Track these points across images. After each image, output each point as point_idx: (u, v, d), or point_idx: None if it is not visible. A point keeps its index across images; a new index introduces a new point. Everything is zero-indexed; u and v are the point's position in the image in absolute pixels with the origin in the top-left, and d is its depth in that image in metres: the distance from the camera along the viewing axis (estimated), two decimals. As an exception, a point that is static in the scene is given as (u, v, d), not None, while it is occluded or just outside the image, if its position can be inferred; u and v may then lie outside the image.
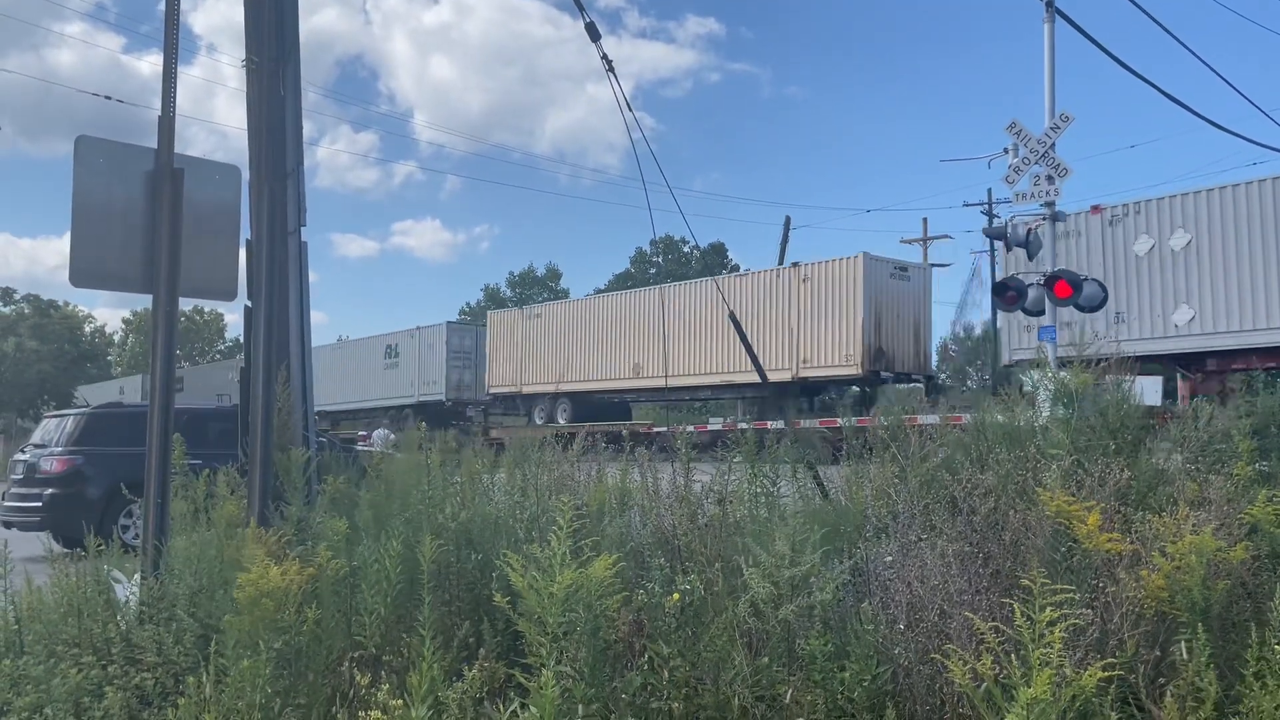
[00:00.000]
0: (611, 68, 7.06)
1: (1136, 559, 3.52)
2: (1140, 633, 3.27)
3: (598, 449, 6.58)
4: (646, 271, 68.17)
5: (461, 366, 38.34)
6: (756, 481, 5.15)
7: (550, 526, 4.62)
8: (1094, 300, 13.30)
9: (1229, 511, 3.86)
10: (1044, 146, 13.40)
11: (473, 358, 38.30)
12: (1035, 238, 13.92)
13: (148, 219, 5.37)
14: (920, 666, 3.42)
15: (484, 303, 71.41)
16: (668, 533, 4.72)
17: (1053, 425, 5.10)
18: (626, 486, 5.29)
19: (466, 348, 38.64)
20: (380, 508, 5.26)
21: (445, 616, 4.41)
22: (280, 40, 6.49)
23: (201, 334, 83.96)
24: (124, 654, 4.38)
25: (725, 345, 27.23)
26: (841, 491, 5.18)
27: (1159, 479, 4.72)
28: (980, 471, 4.58)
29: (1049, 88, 14.00)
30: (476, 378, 37.86)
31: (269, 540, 4.60)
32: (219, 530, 5.44)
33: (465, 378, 38.19)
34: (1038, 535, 3.79)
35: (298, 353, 6.95)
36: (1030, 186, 13.65)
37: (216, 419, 12.90)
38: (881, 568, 3.97)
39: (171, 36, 5.22)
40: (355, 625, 4.41)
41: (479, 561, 4.65)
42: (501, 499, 5.51)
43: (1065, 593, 2.62)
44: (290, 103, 6.71)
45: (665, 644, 3.48)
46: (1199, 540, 3.33)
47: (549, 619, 3.24)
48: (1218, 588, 3.28)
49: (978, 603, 3.48)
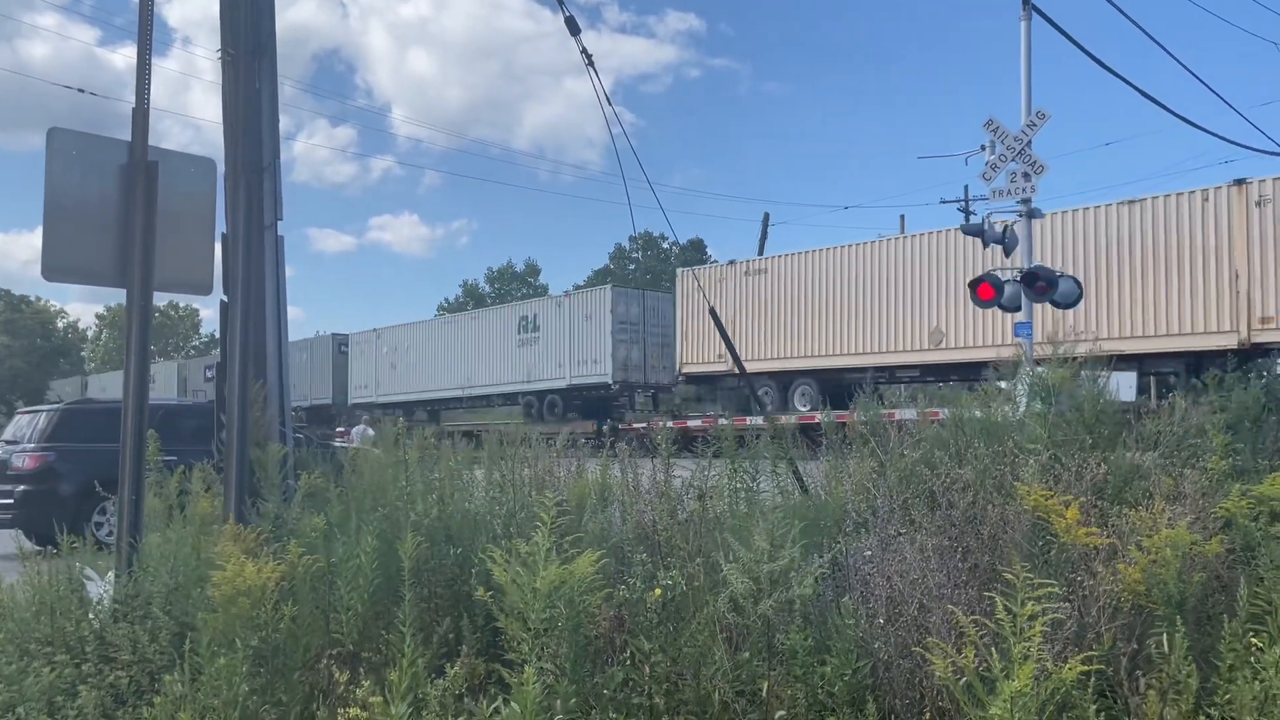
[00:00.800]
0: (591, 63, 7.04)
1: (1113, 553, 3.55)
2: (1117, 626, 3.29)
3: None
4: (625, 268, 68.14)
5: (629, 341, 30.34)
6: (736, 477, 5.16)
7: (530, 522, 4.62)
8: (1070, 297, 13.41)
9: (1204, 505, 3.90)
10: (1020, 144, 13.48)
11: (639, 330, 30.51)
12: (1012, 234, 14.02)
13: (121, 212, 5.30)
14: (900, 660, 3.43)
15: (462, 299, 71.16)
16: (648, 528, 4.72)
17: (1030, 420, 5.13)
18: (607, 482, 5.28)
19: (633, 317, 30.53)
20: (358, 503, 5.23)
21: (425, 613, 4.39)
22: (256, 33, 6.43)
23: (176, 329, 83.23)
24: (98, 652, 4.32)
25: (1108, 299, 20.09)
26: (821, 486, 5.19)
27: (1134, 473, 4.75)
28: (959, 466, 4.60)
29: (1025, 85, 14.08)
30: (645, 356, 30.24)
31: (246, 537, 4.55)
32: (194, 527, 5.39)
33: (633, 355, 30.20)
34: (1016, 529, 3.81)
35: (274, 348, 6.88)
36: (1007, 183, 13.73)
37: (191, 415, 12.80)
38: (861, 562, 3.98)
39: (145, 29, 5.15)
40: (333, 622, 4.39)
41: (458, 557, 4.62)
42: (481, 495, 5.49)
43: (1046, 586, 2.63)
44: (266, 96, 6.64)
45: (646, 639, 3.48)
46: (1174, 534, 3.36)
47: (531, 615, 3.23)
48: (1193, 581, 3.31)
49: (956, 596, 3.50)
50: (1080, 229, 21.11)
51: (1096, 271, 20.49)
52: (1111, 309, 20.56)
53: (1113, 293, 20.60)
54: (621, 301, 30.34)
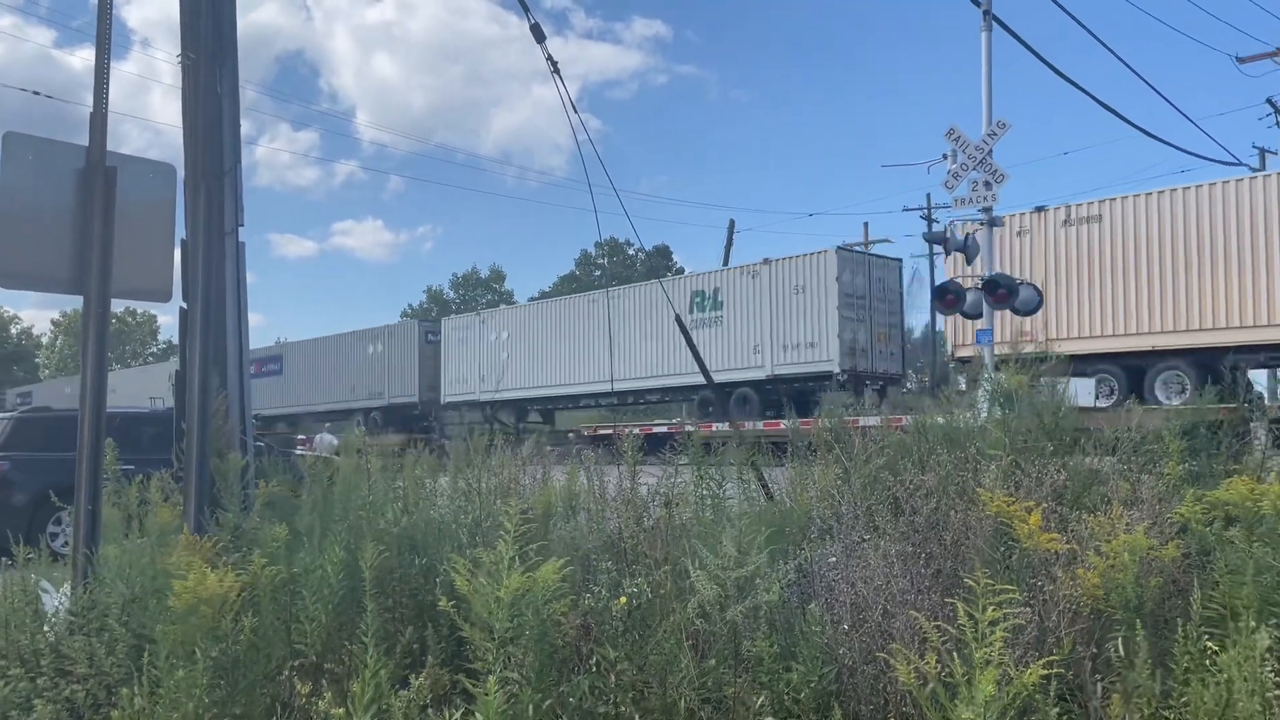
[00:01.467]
0: (557, 69, 7.04)
1: (1073, 557, 3.60)
2: (1077, 630, 3.34)
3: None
4: (591, 274, 68.13)
5: (855, 321, 23.89)
6: (702, 484, 5.17)
7: (495, 531, 4.60)
8: (1030, 304, 13.60)
9: (1160, 510, 3.96)
10: (981, 153, 13.66)
11: (865, 306, 24.01)
12: (974, 242, 14.19)
13: (79, 218, 5.21)
14: (864, 666, 3.45)
15: (426, 304, 70.77)
16: (614, 536, 4.71)
17: (991, 426, 5.19)
18: (573, 490, 5.27)
19: (858, 290, 23.95)
20: (320, 512, 5.17)
21: (388, 623, 4.36)
22: (217, 36, 6.36)
23: (134, 335, 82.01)
24: (53, 665, 4.24)
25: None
26: (786, 493, 5.21)
27: (1093, 479, 4.82)
28: (922, 472, 4.64)
29: (986, 95, 14.28)
30: (870, 338, 24.07)
31: (205, 547, 4.49)
32: (152, 538, 5.31)
33: (859, 337, 23.83)
34: (978, 535, 3.85)
35: (235, 355, 6.81)
36: (969, 192, 13.92)
37: (150, 423, 12.62)
38: (825, 568, 4.01)
39: (104, 32, 5.08)
40: (295, 633, 4.34)
41: (423, 567, 4.59)
42: (445, 504, 5.46)
43: (1007, 592, 2.66)
44: (227, 100, 6.58)
45: (612, 648, 3.47)
46: (1132, 539, 3.41)
47: (496, 624, 3.21)
48: (1150, 585, 3.36)
49: (920, 602, 3.53)
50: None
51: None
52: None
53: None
54: (848, 269, 23.46)
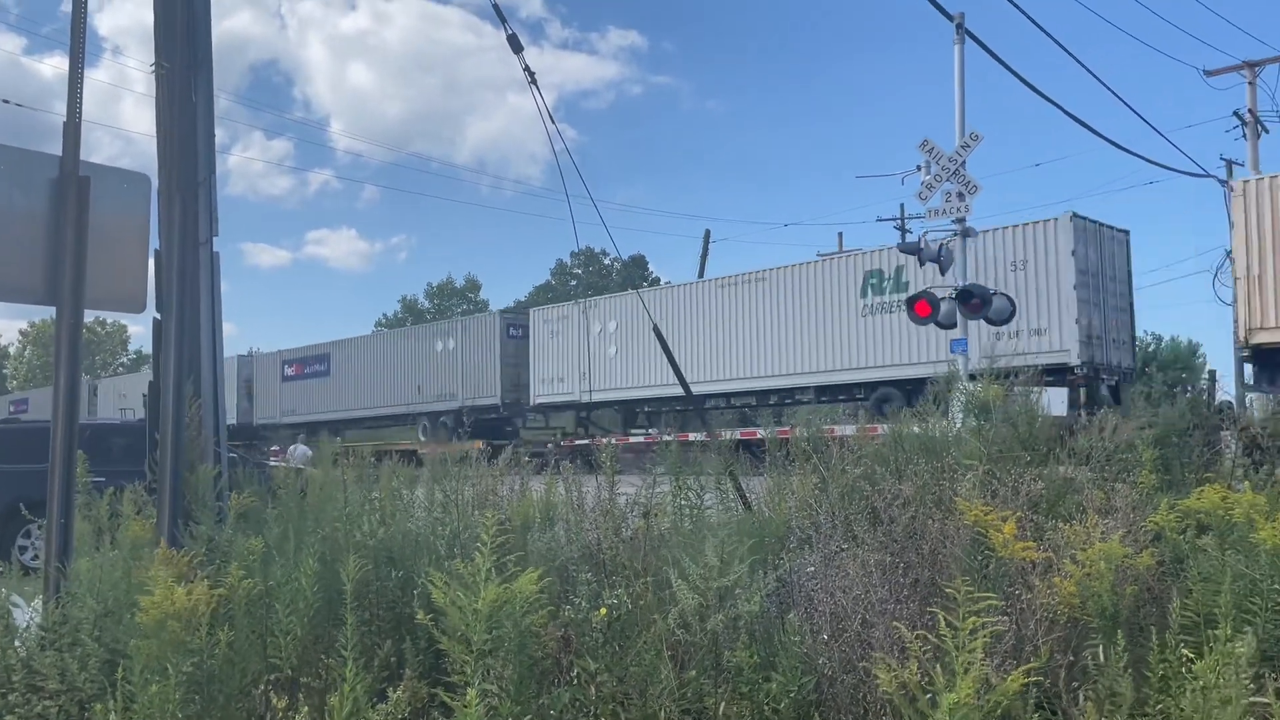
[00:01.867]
0: (534, 80, 7.04)
1: (1049, 566, 3.62)
2: (1054, 638, 3.36)
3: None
4: (567, 284, 68.09)
5: (1089, 302, 19.87)
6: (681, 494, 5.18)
7: (473, 543, 4.57)
8: (1002, 314, 13.74)
9: (1134, 519, 4.00)
10: (955, 164, 13.80)
11: (1099, 286, 19.98)
12: (947, 253, 14.31)
13: (52, 229, 5.16)
14: (844, 676, 3.46)
15: (400, 314, 70.44)
16: (593, 547, 4.71)
17: (967, 435, 5.23)
18: (552, 500, 5.26)
19: (1092, 266, 19.93)
20: (295, 524, 5.13)
21: (366, 636, 4.32)
22: (192, 46, 6.32)
23: (104, 345, 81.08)
24: (25, 681, 4.18)
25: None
26: (765, 503, 5.22)
27: (1068, 488, 4.87)
28: (899, 482, 4.67)
29: (959, 107, 14.43)
30: (1104, 324, 19.94)
31: (179, 561, 4.44)
32: (124, 551, 5.25)
33: (1094, 323, 19.79)
34: (956, 544, 3.87)
35: (209, 366, 6.75)
36: (942, 203, 14.05)
37: (121, 434, 12.49)
38: (805, 578, 4.02)
39: (78, 40, 5.03)
40: (271, 647, 4.29)
41: (400, 579, 4.56)
42: (422, 515, 5.43)
43: (988, 600, 2.68)
44: (202, 110, 6.53)
45: (592, 659, 3.46)
46: (1108, 547, 3.45)
47: (474, 636, 3.20)
48: (1126, 593, 3.39)
49: (899, 611, 3.54)
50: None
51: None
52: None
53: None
54: (1081, 241, 19.49)
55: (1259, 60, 27.49)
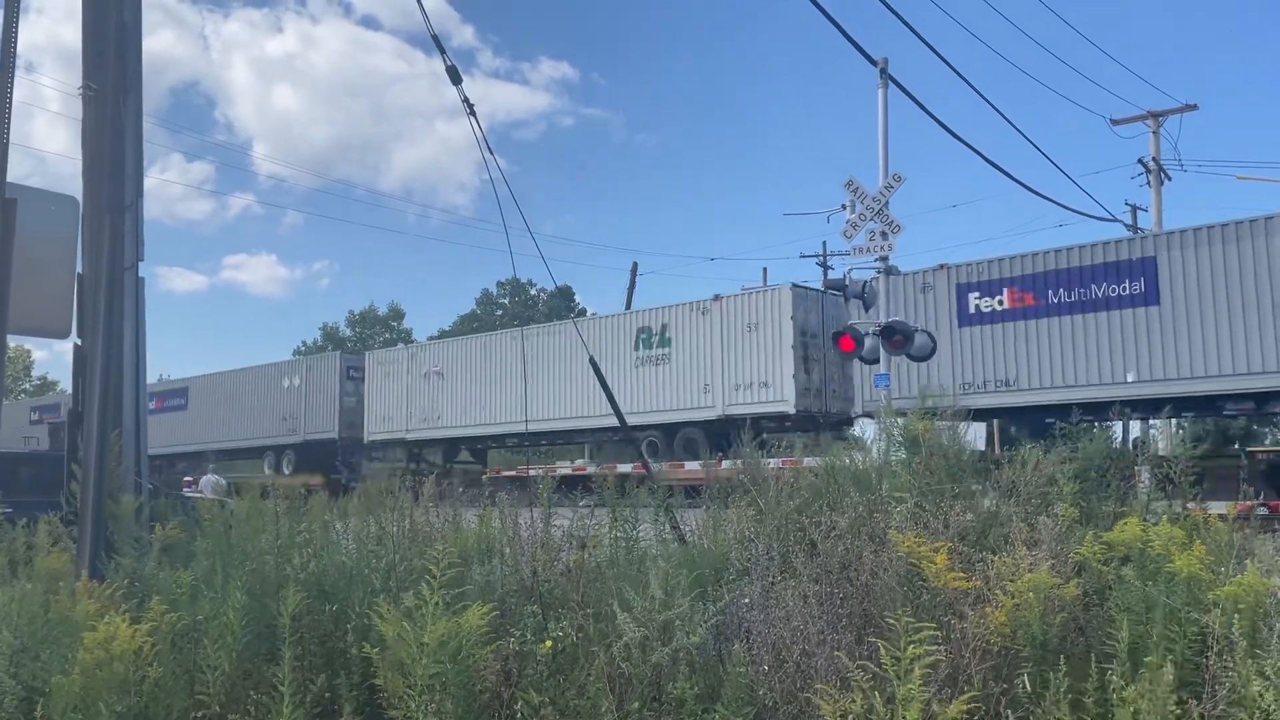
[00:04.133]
0: (473, 111, 7.07)
1: (980, 596, 3.73)
2: (987, 667, 3.45)
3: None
4: (493, 313, 67.66)
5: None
6: (617, 525, 5.19)
7: (409, 576, 4.52)
8: (924, 350, 14.07)
9: (1059, 550, 4.14)
10: (879, 204, 14.15)
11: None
12: (871, 290, 14.62)
13: (-28, 250, 5.00)
14: (785, 706, 3.50)
15: (321, 342, 69.16)
16: (529, 580, 4.68)
17: (897, 468, 5.35)
18: (488, 533, 5.22)
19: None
20: (222, 557, 5.00)
21: (297, 671, 4.22)
22: (122, 69, 6.21)
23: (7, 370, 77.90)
24: (-67, 723, 3.99)
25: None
26: (703, 534, 5.26)
27: (993, 520, 5.01)
28: (833, 514, 4.75)
29: (882, 148, 14.84)
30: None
31: (102, 594, 4.30)
32: (41, 584, 5.05)
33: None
34: (890, 574, 3.96)
35: (131, 394, 6.58)
36: (866, 241, 14.38)
37: (28, 463, 12.03)
38: (743, 610, 4.06)
39: (8, 63, 4.90)
40: (198, 683, 4.17)
41: (334, 613, 4.48)
42: (354, 548, 5.33)
43: (927, 629, 2.75)
44: (131, 133, 6.42)
45: (536, 692, 3.45)
46: (1036, 578, 3.56)
47: (418, 670, 3.16)
48: (1055, 622, 3.50)
49: (837, 642, 3.60)
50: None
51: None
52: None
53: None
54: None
55: (1162, 110, 28.82)
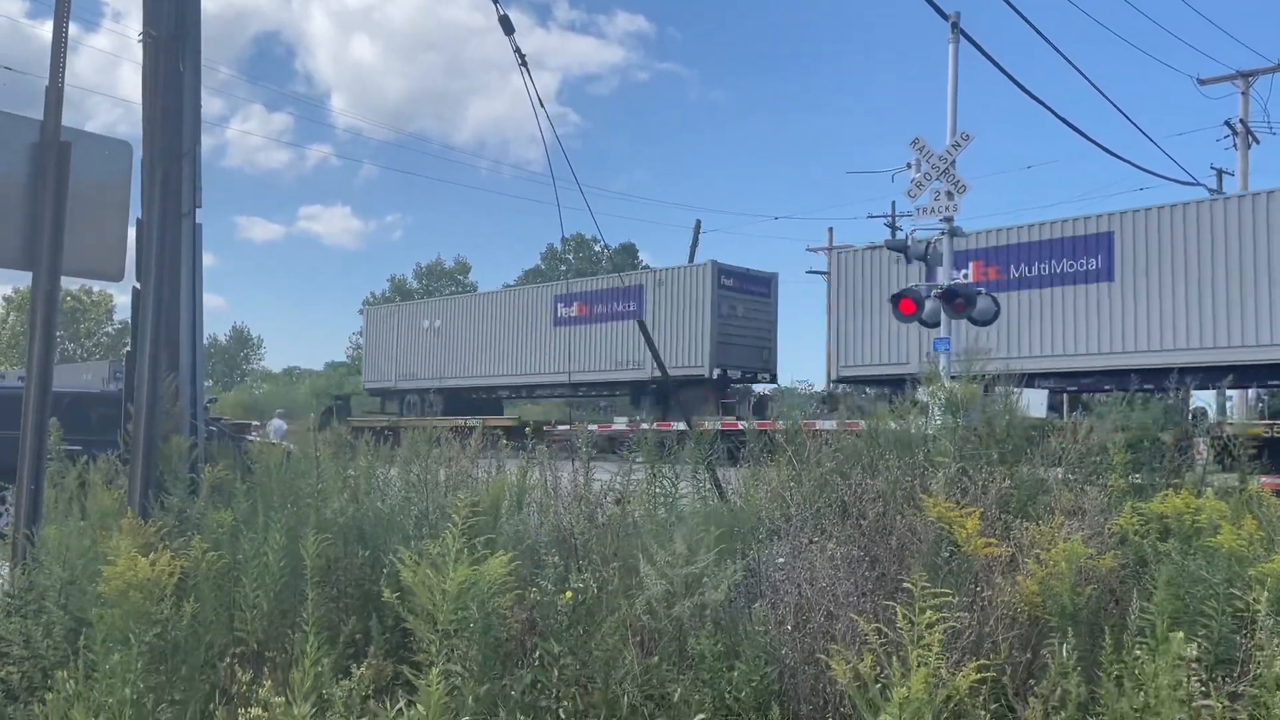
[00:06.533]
0: (524, 63, 7.01)
1: (1012, 564, 3.65)
2: (1014, 636, 3.39)
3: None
4: (557, 269, 67.96)
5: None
6: (656, 482, 5.19)
7: (443, 523, 4.57)
8: (987, 314, 13.76)
9: (1101, 521, 4.03)
10: (945, 163, 13.81)
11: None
12: (934, 251, 14.33)
13: (30, 193, 5.12)
14: (805, 667, 3.48)
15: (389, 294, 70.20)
16: (565, 532, 4.71)
17: (940, 434, 5.25)
18: (525, 484, 5.26)
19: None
20: (266, 499, 5.12)
21: (332, 612, 4.32)
22: (179, 14, 6.27)
23: (89, 314, 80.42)
24: (-12, 647, 4.17)
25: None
26: (739, 493, 5.24)
27: (1039, 488, 4.90)
28: (871, 477, 4.69)
29: (951, 106, 14.43)
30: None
31: (147, 532, 4.43)
32: (93, 520, 5.23)
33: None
34: (922, 540, 3.90)
35: (188, 337, 6.72)
36: (931, 201, 14.06)
37: (100, 403, 12.43)
38: (772, 569, 4.04)
39: (62, 9, 4.98)
40: (237, 620, 4.29)
41: (368, 557, 4.56)
42: (394, 494, 5.42)
43: (944, 595, 2.70)
44: (189, 80, 6.48)
45: (557, 642, 3.47)
46: (1069, 547, 3.47)
47: (440, 616, 3.20)
48: (1086, 593, 3.42)
49: (863, 605, 3.56)
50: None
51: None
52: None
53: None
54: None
55: (1252, 70, 27.63)
